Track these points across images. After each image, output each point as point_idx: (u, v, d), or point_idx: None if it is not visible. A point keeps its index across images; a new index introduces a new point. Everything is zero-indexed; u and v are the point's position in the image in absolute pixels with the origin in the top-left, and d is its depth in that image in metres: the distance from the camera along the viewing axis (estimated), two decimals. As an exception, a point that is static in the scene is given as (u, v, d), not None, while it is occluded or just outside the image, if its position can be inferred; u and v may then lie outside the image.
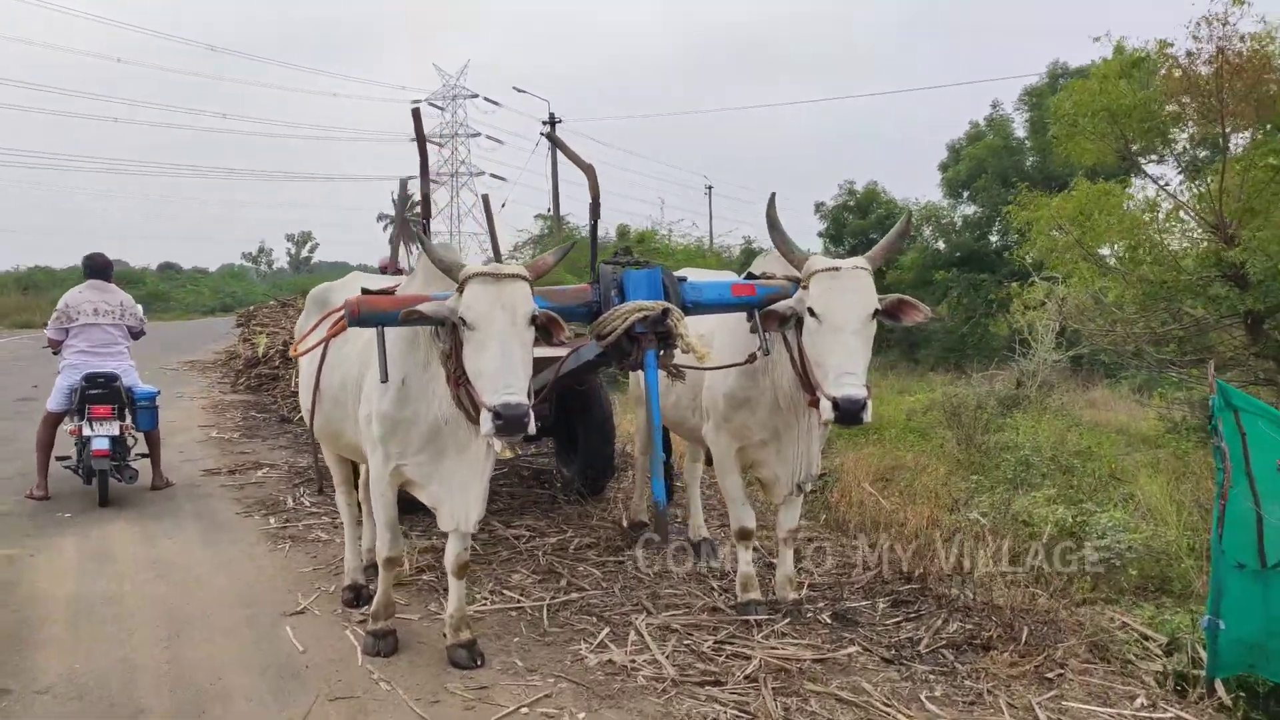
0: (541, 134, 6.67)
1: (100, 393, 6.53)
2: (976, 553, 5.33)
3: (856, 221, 28.86)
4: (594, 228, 5.59)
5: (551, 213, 28.90)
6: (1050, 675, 3.98)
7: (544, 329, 3.50)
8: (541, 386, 4.76)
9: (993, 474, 8.90)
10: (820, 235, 30.58)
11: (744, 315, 4.10)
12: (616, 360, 3.92)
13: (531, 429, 3.26)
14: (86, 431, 6.48)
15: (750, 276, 4.20)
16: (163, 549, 5.63)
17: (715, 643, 4.20)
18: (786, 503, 4.52)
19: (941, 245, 26.11)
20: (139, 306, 7.31)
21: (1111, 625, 4.76)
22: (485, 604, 4.72)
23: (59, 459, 6.82)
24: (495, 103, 53.96)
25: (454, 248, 3.96)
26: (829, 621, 4.53)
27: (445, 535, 4.06)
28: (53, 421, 6.79)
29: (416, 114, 5.28)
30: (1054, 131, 9.74)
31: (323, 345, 4.35)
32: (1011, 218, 10.66)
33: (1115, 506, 7.09)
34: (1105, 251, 10.28)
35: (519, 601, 4.73)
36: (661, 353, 3.89)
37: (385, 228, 64.45)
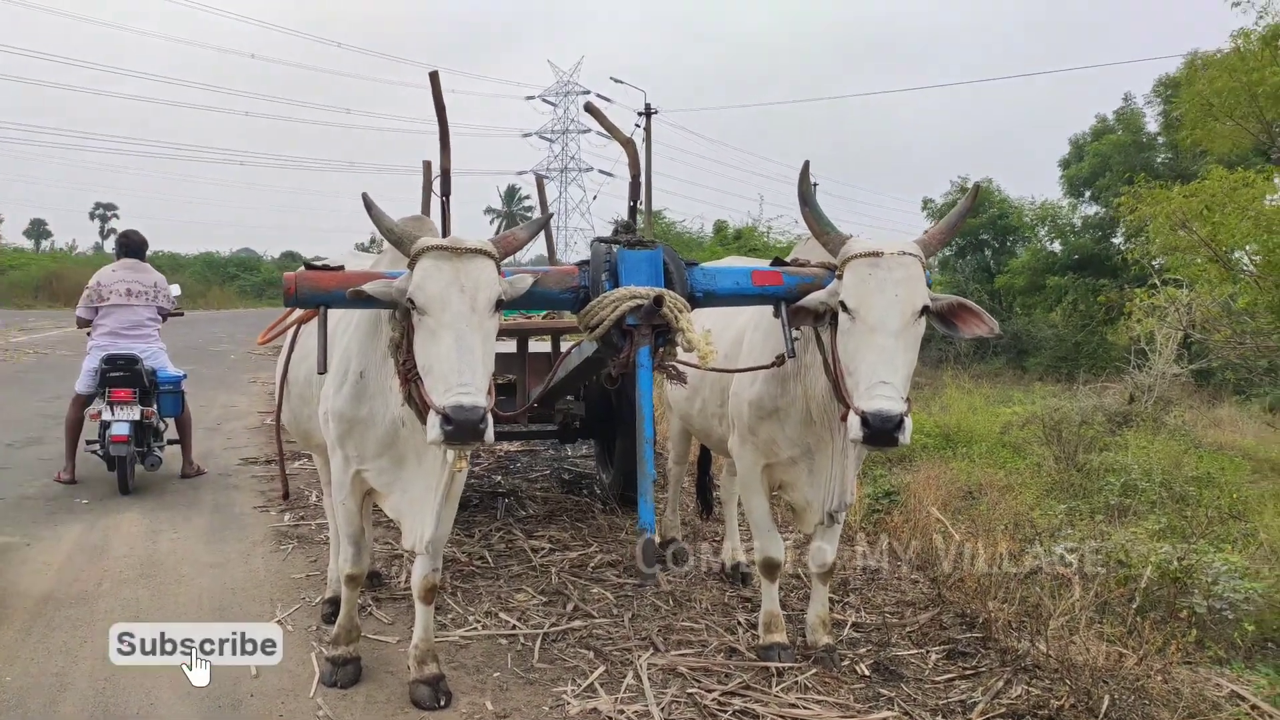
0: (585, 106, 6.23)
1: (120, 375, 6.27)
2: (1056, 598, 4.54)
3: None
4: (633, 209, 4.97)
5: (641, 206, 28.34)
6: (1132, 764, 3.22)
7: None
8: (545, 386, 4.21)
9: (1093, 499, 7.95)
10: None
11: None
12: (609, 356, 3.29)
13: (489, 437, 2.68)
14: (106, 415, 6.23)
15: (779, 263, 3.53)
16: (160, 546, 5.29)
17: (723, 694, 3.56)
18: (820, 533, 3.84)
19: (1058, 247, 24.58)
20: (175, 287, 7.07)
21: (1218, 695, 3.92)
22: (476, 628, 4.19)
23: (88, 443, 6.61)
24: (607, 99, 53.79)
25: (427, 220, 3.39)
26: (867, 673, 3.84)
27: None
28: (81, 403, 6.59)
29: (434, 78, 4.75)
30: (1182, 113, 8.64)
31: (292, 333, 3.88)
32: (1123, 212, 9.56)
33: (1233, 546, 6.13)
34: (1238, 254, 9.14)
35: (514, 628, 4.18)
36: (663, 349, 3.26)
37: (491, 221, 65.32)
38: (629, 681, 3.65)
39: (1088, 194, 23.38)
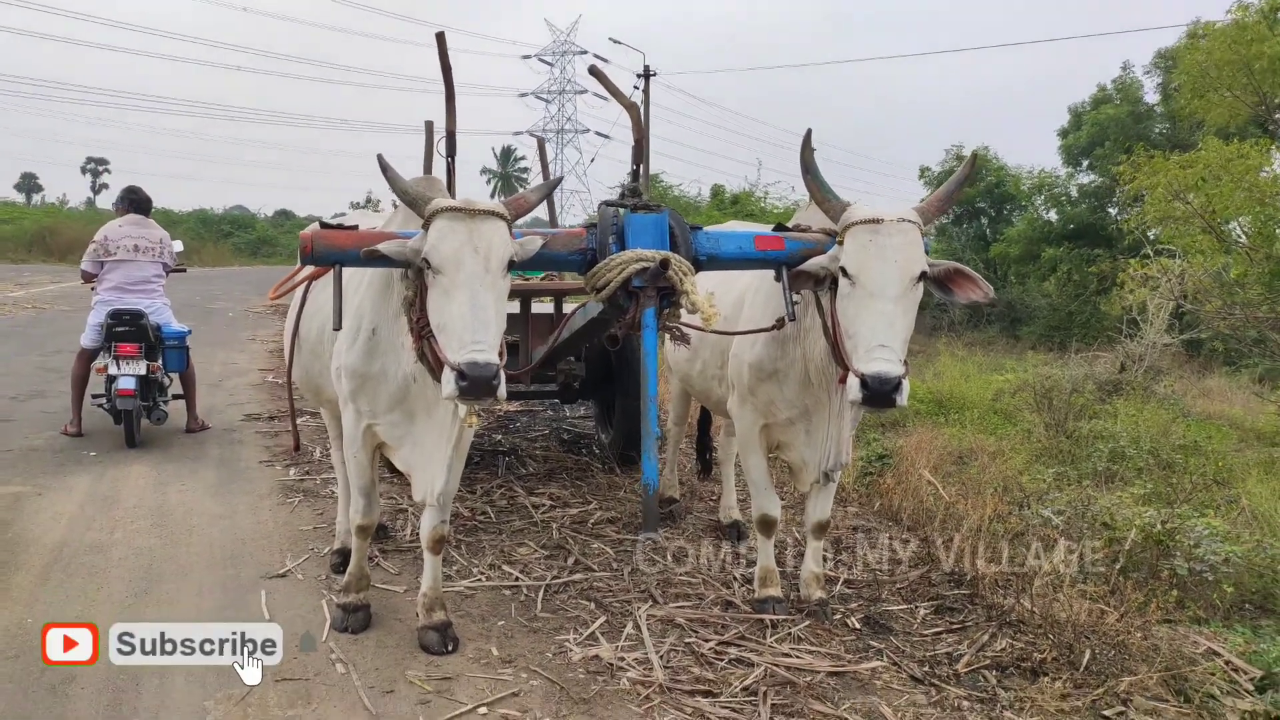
0: (589, 69, 6.16)
1: (126, 330, 6.35)
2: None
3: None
4: (636, 172, 5.04)
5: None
6: (1109, 713, 3.37)
7: None
8: (550, 346, 4.31)
9: (1082, 465, 8.12)
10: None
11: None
12: (615, 317, 3.39)
13: (502, 393, 2.79)
14: (112, 370, 6.32)
15: (781, 228, 3.61)
16: (169, 497, 5.41)
17: (719, 644, 3.70)
18: (815, 491, 3.97)
19: (1054, 216, 24.65)
20: (178, 243, 7.12)
21: (1195, 652, 4.07)
22: (480, 579, 4.32)
23: (94, 397, 6.70)
24: (604, 59, 53.36)
25: (438, 180, 3.46)
26: (858, 626, 3.98)
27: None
28: (86, 358, 6.67)
29: (440, 38, 4.78)
30: (1178, 83, 8.68)
31: (303, 289, 3.96)
32: (1122, 180, 9.62)
33: (1216, 511, 6.29)
34: (1231, 225, 9.23)
35: (516, 580, 4.32)
36: (667, 311, 3.35)
37: (488, 181, 64.99)
38: (629, 631, 3.79)
39: (1085, 163, 23.41)
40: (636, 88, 27.30)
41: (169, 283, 7.15)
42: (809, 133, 3.39)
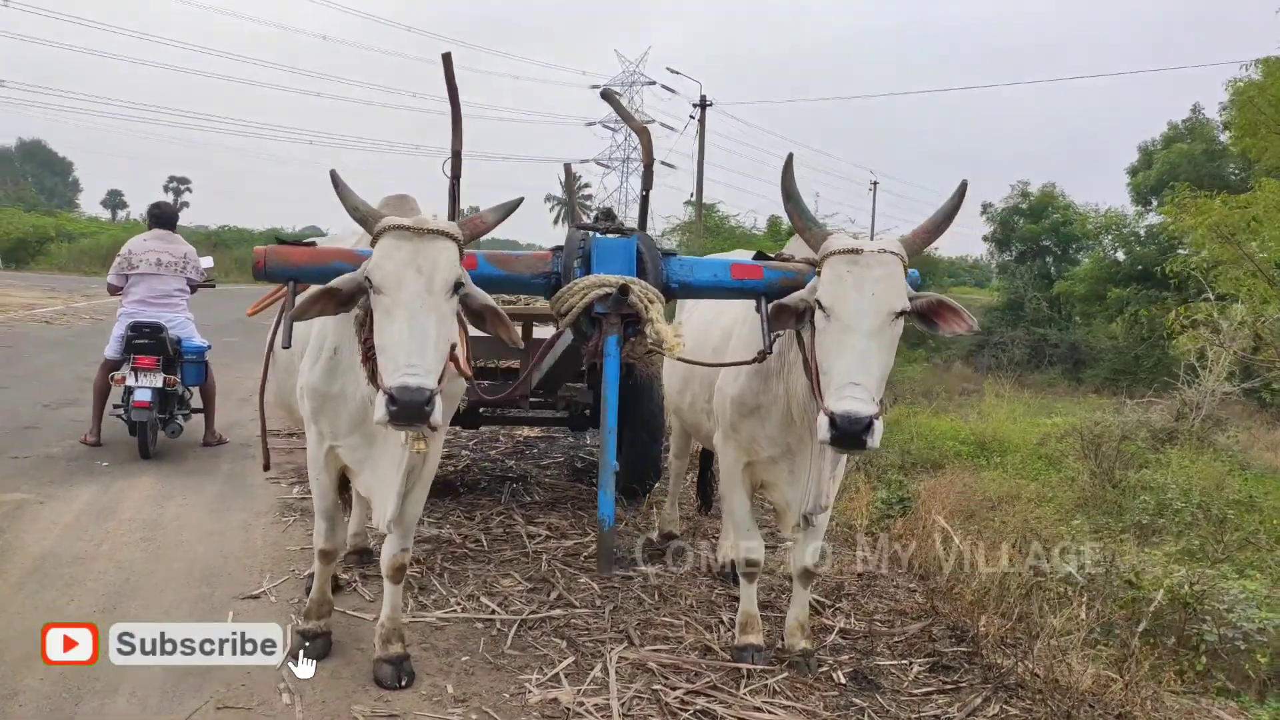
0: (601, 93, 6.03)
1: (145, 343, 6.41)
2: (1054, 614, 4.40)
3: (1028, 225, 26.90)
4: (644, 198, 4.92)
5: (695, 198, 28.15)
6: (1102, 794, 3.09)
7: (477, 315, 2.93)
8: (528, 372, 4.18)
9: (1125, 517, 7.71)
10: (986, 239, 28.71)
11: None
12: (580, 344, 3.25)
13: (436, 419, 2.66)
14: (130, 382, 6.37)
15: (761, 257, 3.45)
16: (166, 511, 5.39)
17: (688, 692, 3.50)
18: (801, 536, 3.76)
19: (1121, 256, 23.88)
20: (207, 259, 7.19)
21: (1213, 729, 3.77)
22: (455, 610, 4.19)
23: (114, 407, 6.76)
24: (671, 90, 53.46)
25: (408, 199, 3.36)
26: (843, 681, 3.74)
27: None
28: (109, 368, 6.73)
29: (447, 59, 4.72)
30: (1229, 119, 8.29)
31: (281, 306, 3.89)
32: (1166, 221, 9.20)
33: (1263, 573, 5.88)
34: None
35: (493, 613, 4.17)
36: (633, 338, 3.20)
37: (551, 209, 65.55)
38: (595, 674, 3.61)
39: (1155, 203, 22.65)
40: (693, 117, 27.30)
41: (223, 298, 7.20)
42: (789, 158, 3.22)
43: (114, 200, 75.95)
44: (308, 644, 3.61)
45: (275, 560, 4.70)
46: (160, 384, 6.40)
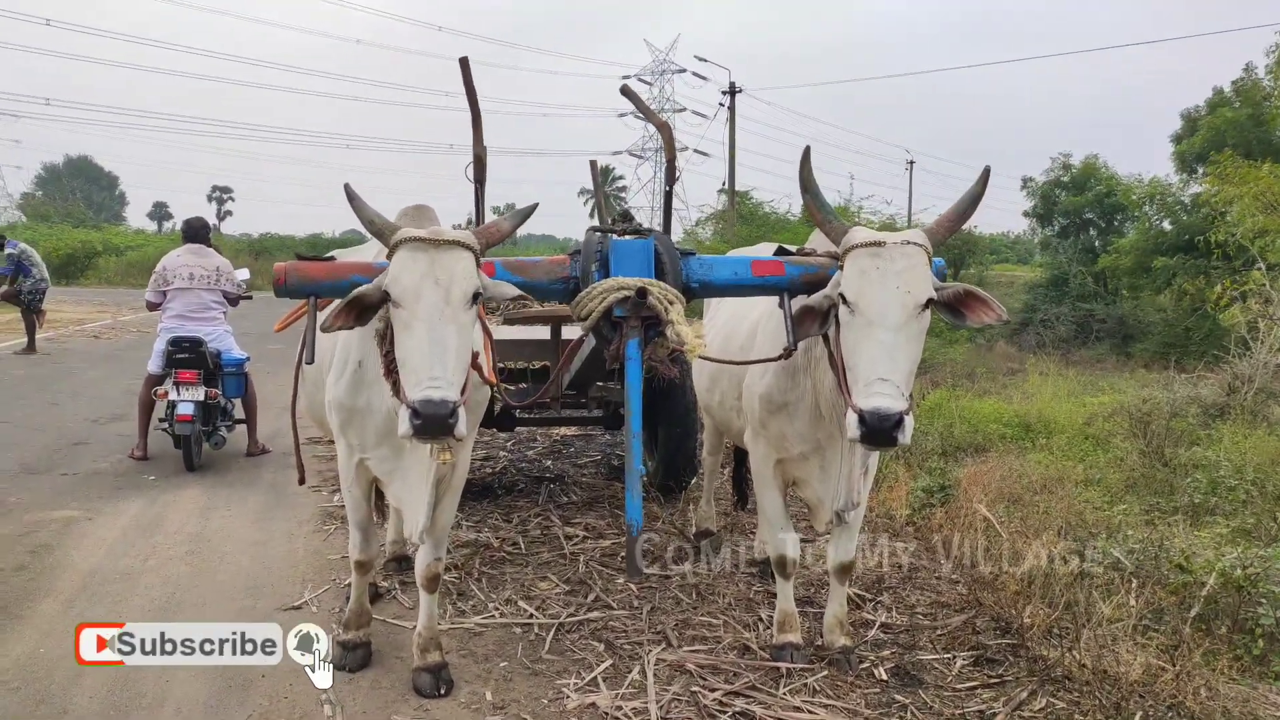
0: (620, 89, 5.91)
1: (186, 357, 6.52)
2: (1103, 602, 4.30)
3: (1070, 199, 26.34)
4: (668, 194, 4.89)
5: (727, 186, 27.95)
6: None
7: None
8: (556, 374, 4.16)
9: (1176, 497, 7.52)
10: (1026, 214, 28.20)
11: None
12: (603, 347, 3.23)
13: (461, 430, 2.66)
14: (173, 396, 6.48)
15: (782, 252, 3.40)
16: (211, 523, 5.47)
17: (727, 693, 3.48)
18: (835, 532, 3.71)
19: (1167, 226, 23.29)
20: (243, 271, 7.29)
21: (1272, 715, 3.65)
22: (493, 615, 4.20)
23: (159, 421, 6.88)
24: (703, 77, 53.11)
25: (427, 209, 3.35)
26: (885, 677, 3.70)
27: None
28: (152, 383, 6.86)
29: (464, 63, 4.72)
30: (1270, 79, 8.01)
31: (308, 321, 3.92)
32: (1208, 193, 8.92)
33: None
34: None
35: (530, 617, 4.18)
36: (656, 340, 3.18)
37: (585, 202, 65.59)
38: (633, 677, 3.61)
39: (1200, 170, 22.03)
40: (722, 104, 27.12)
41: (268, 306, 7.29)
42: (807, 150, 3.17)
43: (159, 212, 77.54)
44: (348, 655, 3.65)
45: (317, 570, 4.76)
46: (202, 397, 6.50)
